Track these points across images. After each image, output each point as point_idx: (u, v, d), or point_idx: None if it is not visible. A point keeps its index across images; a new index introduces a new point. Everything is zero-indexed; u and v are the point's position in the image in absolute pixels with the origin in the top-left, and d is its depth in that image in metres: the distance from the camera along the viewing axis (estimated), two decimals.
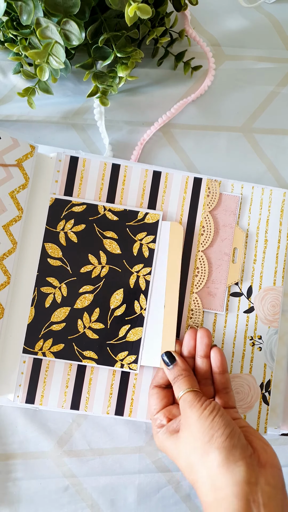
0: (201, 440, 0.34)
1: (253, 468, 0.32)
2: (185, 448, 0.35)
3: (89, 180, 0.44)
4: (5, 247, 0.41)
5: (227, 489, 0.31)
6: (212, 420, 0.34)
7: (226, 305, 0.44)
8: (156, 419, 0.39)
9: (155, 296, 0.43)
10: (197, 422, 0.34)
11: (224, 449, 0.32)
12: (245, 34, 0.51)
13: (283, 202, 0.46)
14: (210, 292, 0.44)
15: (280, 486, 0.33)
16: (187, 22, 0.49)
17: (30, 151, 0.43)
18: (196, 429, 0.34)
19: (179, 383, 0.38)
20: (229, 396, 0.40)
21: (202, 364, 0.40)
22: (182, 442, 0.35)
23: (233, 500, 0.31)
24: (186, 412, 0.36)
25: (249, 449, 0.34)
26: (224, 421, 0.34)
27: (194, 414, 0.35)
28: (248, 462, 0.32)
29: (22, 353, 0.42)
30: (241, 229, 0.45)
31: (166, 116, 0.48)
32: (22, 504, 0.45)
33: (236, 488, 0.31)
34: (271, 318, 0.44)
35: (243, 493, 0.31)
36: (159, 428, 0.38)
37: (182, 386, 0.38)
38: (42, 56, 0.38)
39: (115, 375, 0.43)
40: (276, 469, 0.33)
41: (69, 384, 0.42)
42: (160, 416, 0.39)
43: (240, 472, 0.32)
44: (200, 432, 0.34)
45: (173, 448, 0.36)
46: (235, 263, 0.44)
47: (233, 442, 0.33)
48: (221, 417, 0.34)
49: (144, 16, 0.33)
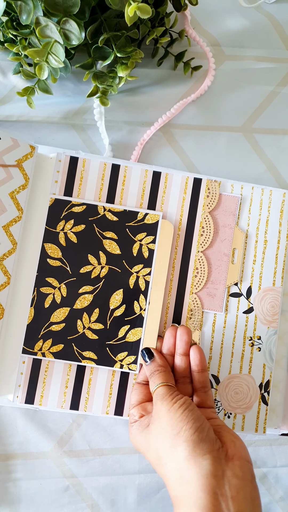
0: (170, 432, 0.33)
1: (220, 461, 0.32)
2: (155, 441, 0.35)
3: (89, 180, 0.44)
4: (5, 248, 0.41)
5: (194, 482, 0.31)
6: (182, 413, 0.34)
7: (225, 305, 0.44)
8: (131, 414, 0.39)
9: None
10: (167, 414, 0.34)
11: (192, 442, 0.32)
12: (245, 34, 0.51)
13: (283, 203, 0.46)
14: (209, 292, 0.44)
15: (249, 478, 0.32)
16: (187, 22, 0.49)
17: (30, 152, 0.43)
18: (165, 422, 0.34)
19: (154, 378, 0.38)
20: (207, 396, 0.40)
21: (181, 362, 0.40)
22: (152, 435, 0.35)
23: (201, 494, 0.31)
24: (158, 405, 0.36)
25: (217, 443, 0.33)
26: (194, 415, 0.34)
27: (164, 407, 0.35)
28: (215, 456, 0.32)
29: (22, 353, 0.42)
30: (240, 229, 0.45)
31: (166, 116, 0.48)
32: (22, 504, 0.45)
33: (203, 481, 0.31)
34: (270, 319, 0.44)
35: (210, 486, 0.31)
36: (132, 423, 0.38)
37: (157, 381, 0.38)
38: (42, 54, 0.38)
39: (115, 375, 0.43)
40: (244, 461, 0.33)
41: (68, 385, 0.42)
42: (134, 411, 0.39)
43: (206, 465, 0.31)
44: (170, 425, 0.34)
45: (143, 442, 0.36)
46: (234, 264, 0.44)
47: (202, 436, 0.33)
48: (191, 411, 0.34)
49: (144, 16, 0.33)
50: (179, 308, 0.44)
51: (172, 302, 0.44)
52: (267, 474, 0.48)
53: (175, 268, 0.44)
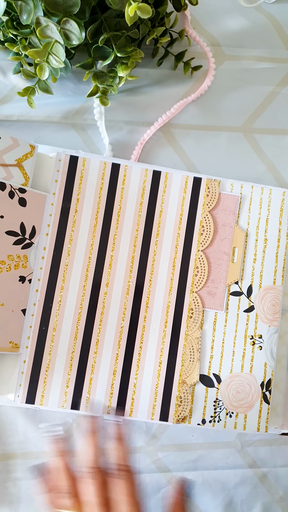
0: None
1: None
2: None
3: (89, 179, 0.44)
4: None
5: None
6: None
7: (226, 304, 0.44)
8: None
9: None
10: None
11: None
12: (245, 34, 0.51)
13: (283, 202, 0.46)
14: (210, 291, 0.44)
15: None
16: (187, 22, 0.49)
17: (30, 151, 0.43)
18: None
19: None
20: None
21: None
22: None
23: None
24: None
25: None
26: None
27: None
28: None
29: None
30: (240, 228, 0.45)
31: (166, 116, 0.48)
32: (22, 504, 0.45)
33: None
34: (271, 317, 0.44)
35: None
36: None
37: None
38: (42, 55, 0.38)
39: (116, 374, 0.43)
40: None
41: (69, 384, 0.42)
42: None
43: None
44: None
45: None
46: (234, 263, 0.44)
47: None
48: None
49: (144, 16, 0.33)
50: (180, 307, 0.44)
51: (173, 301, 0.44)
52: (267, 474, 0.48)
53: (175, 267, 0.44)
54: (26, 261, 0.42)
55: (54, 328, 0.42)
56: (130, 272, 0.44)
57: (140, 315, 0.43)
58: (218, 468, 0.47)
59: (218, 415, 0.43)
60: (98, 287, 0.43)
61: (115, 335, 0.43)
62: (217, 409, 0.43)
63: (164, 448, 0.47)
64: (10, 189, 0.41)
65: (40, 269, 0.43)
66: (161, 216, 0.45)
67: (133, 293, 0.43)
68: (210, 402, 0.43)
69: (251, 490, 0.47)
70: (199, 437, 0.47)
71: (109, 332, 0.43)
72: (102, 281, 0.43)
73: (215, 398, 0.43)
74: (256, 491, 0.47)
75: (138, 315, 0.43)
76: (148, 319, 0.43)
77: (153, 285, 0.44)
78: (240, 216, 0.45)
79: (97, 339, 0.43)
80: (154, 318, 0.43)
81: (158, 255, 0.44)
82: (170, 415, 0.42)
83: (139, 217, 0.44)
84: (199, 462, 0.47)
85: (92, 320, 0.43)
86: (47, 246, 0.43)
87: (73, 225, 0.44)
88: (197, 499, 0.46)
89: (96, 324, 0.43)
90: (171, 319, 0.44)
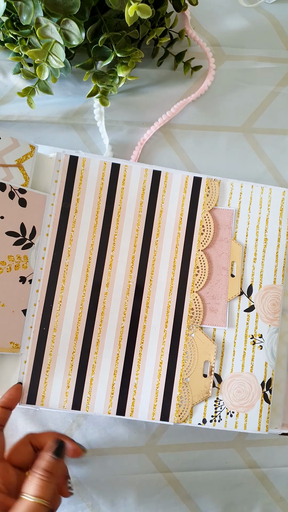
0: None
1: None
2: None
3: (89, 179, 0.44)
4: None
5: None
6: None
7: (228, 320, 0.44)
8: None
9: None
10: None
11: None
12: (245, 34, 0.51)
13: (283, 201, 0.46)
14: (212, 308, 0.43)
15: None
16: (187, 22, 0.50)
17: (30, 151, 0.43)
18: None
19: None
20: None
21: None
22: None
23: None
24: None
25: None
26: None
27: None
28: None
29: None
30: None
31: (166, 116, 0.48)
32: None
33: None
34: (271, 317, 0.44)
35: None
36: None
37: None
38: (42, 55, 0.38)
39: (116, 375, 0.43)
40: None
41: (70, 384, 0.42)
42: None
43: None
44: None
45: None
46: (234, 277, 0.44)
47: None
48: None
49: (144, 16, 0.33)
50: (180, 307, 0.44)
51: (173, 301, 0.44)
52: (267, 474, 0.48)
53: (175, 267, 0.44)
54: (27, 262, 0.42)
55: (54, 328, 0.42)
56: (131, 272, 0.44)
57: (141, 315, 0.43)
58: (218, 468, 0.47)
59: (218, 414, 0.43)
60: (98, 287, 0.43)
61: (115, 335, 0.43)
62: (217, 408, 0.43)
63: (164, 448, 0.47)
64: (10, 189, 0.41)
65: (41, 270, 0.43)
66: (161, 216, 0.45)
67: (134, 293, 0.43)
68: (211, 402, 0.43)
69: (251, 490, 0.47)
70: (199, 437, 0.47)
71: (109, 332, 0.43)
72: (102, 281, 0.43)
73: (216, 397, 0.43)
74: (256, 491, 0.47)
75: (139, 315, 0.43)
76: (148, 319, 0.43)
77: (154, 285, 0.44)
78: (240, 216, 0.45)
79: (97, 339, 0.43)
80: (154, 318, 0.43)
81: (158, 255, 0.44)
82: (170, 415, 0.42)
83: (139, 217, 0.44)
84: (199, 462, 0.47)
85: (93, 320, 0.43)
86: (47, 247, 0.43)
87: (73, 225, 0.44)
88: (197, 499, 0.46)
89: (97, 324, 0.43)
90: (172, 319, 0.44)
